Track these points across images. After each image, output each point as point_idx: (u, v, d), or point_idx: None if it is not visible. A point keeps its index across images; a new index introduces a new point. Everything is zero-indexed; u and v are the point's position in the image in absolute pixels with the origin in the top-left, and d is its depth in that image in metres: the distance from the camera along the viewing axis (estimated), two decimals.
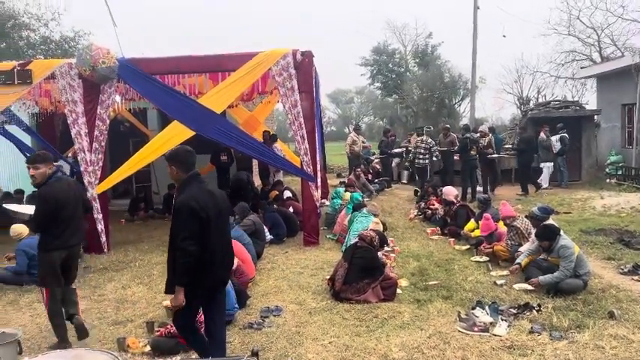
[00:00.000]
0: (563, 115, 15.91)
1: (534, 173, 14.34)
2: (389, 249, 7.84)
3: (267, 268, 7.48)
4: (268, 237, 8.85)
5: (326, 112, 55.84)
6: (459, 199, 10.35)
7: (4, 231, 7.49)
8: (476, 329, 4.93)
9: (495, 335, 4.82)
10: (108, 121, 8.71)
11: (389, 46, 38.08)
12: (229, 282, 5.44)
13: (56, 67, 8.52)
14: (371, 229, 6.78)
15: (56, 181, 4.88)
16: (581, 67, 21.71)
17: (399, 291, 6.09)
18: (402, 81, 35.95)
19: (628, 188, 13.77)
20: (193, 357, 4.28)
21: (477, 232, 8.35)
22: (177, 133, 8.42)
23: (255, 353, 4.45)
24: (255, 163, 14.06)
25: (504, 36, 25.48)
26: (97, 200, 8.56)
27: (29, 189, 13.28)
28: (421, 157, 13.92)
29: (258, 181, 14.26)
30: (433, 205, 10.74)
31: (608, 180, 15.41)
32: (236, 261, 6.18)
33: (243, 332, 5.11)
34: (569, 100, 20.06)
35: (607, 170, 16.22)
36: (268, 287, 6.59)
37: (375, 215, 8.60)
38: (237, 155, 12.42)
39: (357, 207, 8.80)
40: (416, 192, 13.56)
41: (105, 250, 8.61)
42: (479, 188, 13.42)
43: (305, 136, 8.55)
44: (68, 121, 8.60)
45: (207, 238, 3.69)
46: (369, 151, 18.04)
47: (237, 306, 5.45)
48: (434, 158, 14.12)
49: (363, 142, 16.61)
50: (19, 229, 6.90)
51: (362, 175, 13.47)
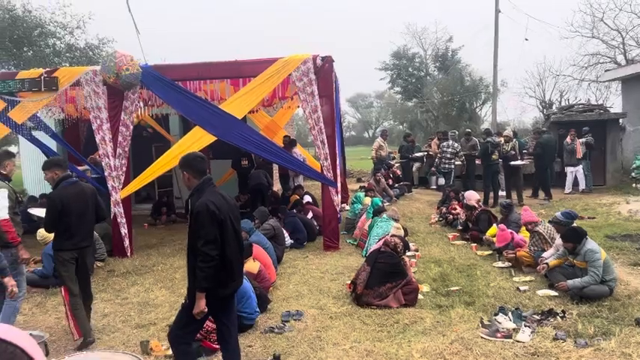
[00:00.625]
0: (588, 118, 15.66)
1: (552, 178, 14.11)
2: (410, 254, 7.80)
3: (288, 273, 7.51)
4: (288, 241, 8.88)
5: (345, 116, 55.81)
6: (480, 204, 10.25)
7: (31, 235, 7.67)
8: (499, 335, 4.87)
9: (518, 342, 4.76)
10: (131, 127, 8.84)
11: (409, 50, 37.99)
12: (250, 286, 5.51)
13: (81, 75, 8.69)
14: (393, 235, 6.75)
15: (68, 185, 5.11)
16: (606, 70, 21.34)
17: (420, 296, 6.06)
18: (422, 85, 35.82)
19: None
20: None
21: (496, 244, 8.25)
22: (198, 139, 8.53)
23: (276, 357, 4.49)
24: (275, 168, 14.13)
25: (526, 39, 25.20)
26: (121, 205, 8.69)
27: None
28: (447, 161, 13.77)
29: (277, 186, 14.32)
30: (455, 209, 10.65)
31: (634, 185, 15.09)
32: (258, 265, 6.24)
33: (265, 336, 5.14)
34: (594, 103, 19.73)
35: (633, 175, 15.86)
36: (289, 291, 6.61)
37: (395, 220, 8.57)
38: (258, 160, 12.50)
39: (378, 212, 8.79)
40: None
41: (128, 254, 8.72)
42: (501, 193, 13.26)
43: (325, 140, 8.57)
44: (93, 127, 8.76)
45: (226, 242, 3.69)
46: (389, 155, 18.01)
47: (258, 310, 5.47)
48: (459, 162, 13.97)
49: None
50: (45, 234, 7.04)
51: (382, 179, 13.44)
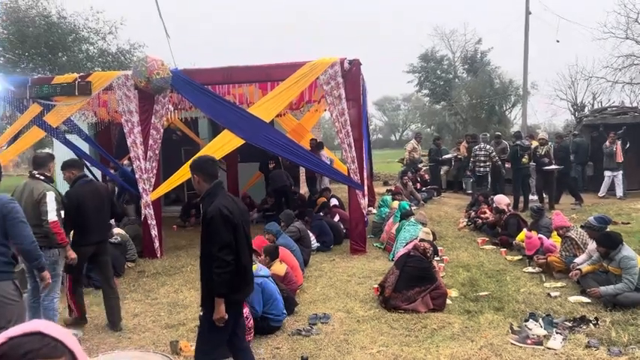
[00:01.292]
0: (622, 121, 15.25)
1: (574, 182, 13.77)
2: (438, 258, 7.73)
3: (315, 276, 7.52)
4: (315, 244, 8.89)
5: (372, 119, 55.71)
6: (510, 208, 10.09)
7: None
8: (529, 342, 4.79)
9: (550, 349, 4.67)
10: (162, 130, 9.00)
11: (437, 53, 37.72)
12: (277, 288, 5.54)
13: (114, 79, 8.88)
14: (422, 239, 6.70)
15: (84, 184, 5.56)
16: None
17: (448, 301, 6.00)
18: (450, 88, 35.52)
19: None
20: None
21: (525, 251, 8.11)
22: (227, 142, 8.62)
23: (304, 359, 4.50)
24: (302, 171, 14.19)
25: (558, 41, 24.57)
26: (151, 207, 8.84)
27: None
28: (482, 164, 13.51)
29: (304, 189, 14.37)
30: (484, 213, 10.50)
31: None
32: (285, 267, 6.27)
33: (292, 339, 5.16)
34: (628, 105, 19.22)
35: None
36: (316, 294, 6.62)
37: (423, 224, 8.50)
38: (285, 163, 12.57)
39: (405, 215, 8.74)
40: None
41: (158, 255, 8.86)
42: (532, 197, 13.01)
43: (352, 144, 8.56)
44: (124, 130, 8.94)
45: (240, 246, 3.64)
46: (420, 158, 17.94)
47: (285, 312, 5.50)
48: (488, 165, 13.67)
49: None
50: None
51: (409, 183, 13.36)
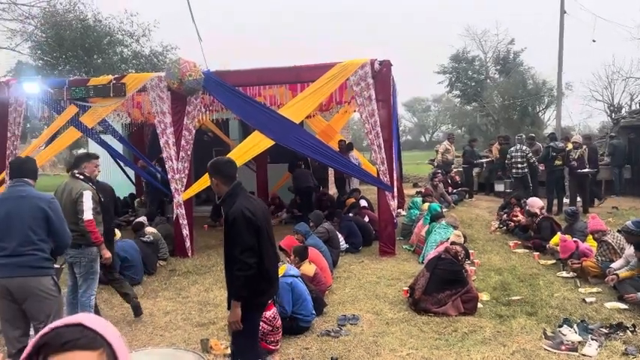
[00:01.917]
0: None
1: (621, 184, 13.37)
2: (469, 262, 7.62)
3: (344, 277, 7.51)
4: (344, 246, 8.87)
5: (402, 120, 55.31)
6: (543, 211, 9.88)
7: None
8: (563, 348, 4.67)
9: (584, 355, 4.55)
10: (194, 131, 9.12)
11: (468, 53, 37.23)
12: (306, 288, 5.54)
13: (147, 81, 9.05)
14: (453, 242, 6.62)
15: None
16: None
17: (479, 305, 5.91)
18: (482, 88, 35.02)
19: None
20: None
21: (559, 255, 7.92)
22: (257, 143, 8.70)
23: None
24: (330, 172, 14.19)
25: (594, 40, 23.91)
26: (183, 206, 8.97)
27: (120, 194, 14.21)
28: (520, 166, 13.22)
29: (333, 190, 14.37)
30: (516, 216, 10.31)
31: None
32: (314, 268, 6.28)
33: (321, 339, 5.16)
34: None
35: None
36: (345, 295, 6.61)
37: (454, 227, 8.38)
38: (314, 164, 12.60)
39: (436, 218, 8.64)
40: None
41: (189, 254, 8.98)
42: (566, 200, 12.70)
43: (382, 145, 8.53)
44: (157, 131, 9.10)
45: (263, 248, 3.60)
46: (454, 160, 17.76)
47: (314, 312, 5.50)
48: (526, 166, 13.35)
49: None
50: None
51: (440, 185, 13.21)
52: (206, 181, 8.99)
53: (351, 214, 10.10)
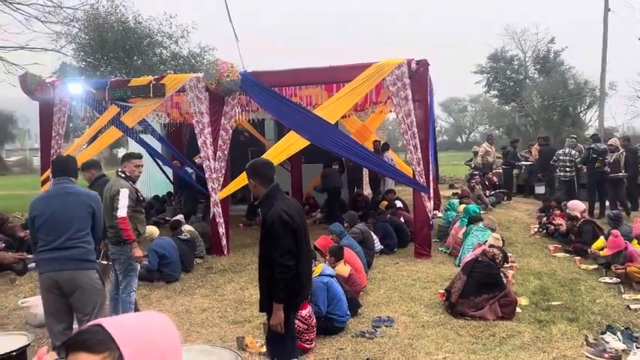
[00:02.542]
0: None
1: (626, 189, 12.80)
2: (507, 265, 7.46)
3: (378, 278, 7.46)
4: (378, 247, 8.82)
5: (438, 121, 54.66)
6: (584, 215, 9.58)
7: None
8: (606, 356, 4.52)
9: None
10: (230, 131, 9.22)
11: (506, 53, 36.46)
12: (341, 289, 5.53)
13: (186, 81, 9.19)
14: (491, 245, 6.49)
15: (103, 184, 5.84)
16: None
17: (518, 310, 5.77)
18: (520, 88, 34.25)
19: None
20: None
21: (606, 252, 7.67)
22: (292, 143, 8.73)
23: None
24: (365, 172, 14.13)
25: (639, 38, 23.07)
26: (219, 205, 9.08)
27: (159, 192, 14.51)
28: (568, 169, 12.82)
29: (367, 190, 14.31)
30: (556, 220, 10.04)
31: None
32: (349, 268, 6.26)
33: (356, 340, 5.14)
34: None
35: None
36: (379, 297, 6.57)
37: (492, 230, 8.22)
38: (349, 164, 12.57)
39: (473, 220, 8.50)
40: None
41: (225, 252, 9.09)
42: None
43: (418, 145, 8.43)
44: (195, 131, 9.24)
45: (300, 250, 3.62)
46: (494, 162, 17.47)
47: (349, 313, 5.48)
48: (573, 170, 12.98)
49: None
50: (151, 230, 7.54)
51: (477, 186, 12.99)
52: (242, 180, 9.09)
53: (388, 215, 10.03)
